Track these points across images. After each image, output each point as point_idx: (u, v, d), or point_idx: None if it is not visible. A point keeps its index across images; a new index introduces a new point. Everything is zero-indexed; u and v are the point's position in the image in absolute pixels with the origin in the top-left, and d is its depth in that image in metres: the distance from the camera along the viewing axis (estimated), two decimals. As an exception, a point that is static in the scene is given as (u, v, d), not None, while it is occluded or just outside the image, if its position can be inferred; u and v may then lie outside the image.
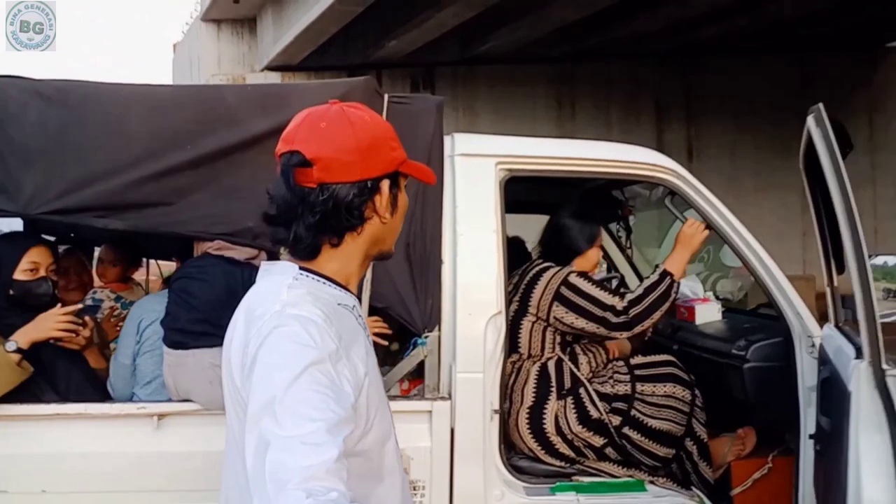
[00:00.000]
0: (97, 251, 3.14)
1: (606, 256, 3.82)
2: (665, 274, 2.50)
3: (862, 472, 1.46)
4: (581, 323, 2.51)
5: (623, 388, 2.52)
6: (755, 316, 3.16)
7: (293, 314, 1.08)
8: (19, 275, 2.28)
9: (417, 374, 2.47)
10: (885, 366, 1.46)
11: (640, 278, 3.78)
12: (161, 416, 2.24)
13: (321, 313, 1.10)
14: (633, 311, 2.46)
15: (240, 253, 2.35)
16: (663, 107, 14.34)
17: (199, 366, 2.23)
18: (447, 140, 2.57)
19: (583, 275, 2.59)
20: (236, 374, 1.12)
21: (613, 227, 3.54)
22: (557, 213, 2.79)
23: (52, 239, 2.61)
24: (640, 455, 2.50)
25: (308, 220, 1.14)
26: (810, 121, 1.51)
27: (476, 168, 2.50)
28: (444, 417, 2.32)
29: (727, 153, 14.08)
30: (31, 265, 2.30)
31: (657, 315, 2.49)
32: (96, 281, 3.11)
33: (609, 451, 2.49)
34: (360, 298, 1.35)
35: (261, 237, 2.27)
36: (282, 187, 1.15)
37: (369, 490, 1.15)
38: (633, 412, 2.48)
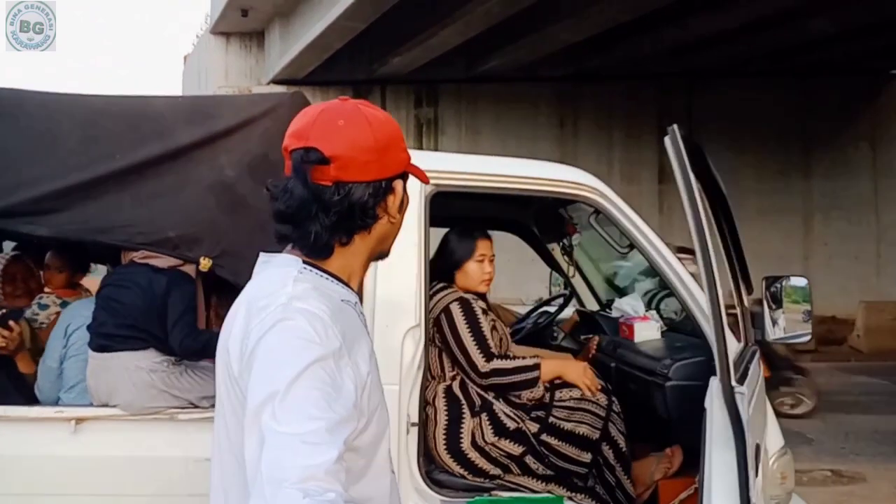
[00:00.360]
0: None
1: (561, 272, 3.85)
2: (537, 367, 2.55)
3: (712, 490, 1.48)
4: (448, 354, 2.55)
5: (540, 395, 2.54)
6: (695, 335, 3.17)
7: (299, 308, 1.06)
8: None
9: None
10: (733, 383, 1.47)
11: (594, 293, 3.81)
12: (79, 420, 2.30)
13: (327, 309, 1.08)
14: (493, 380, 2.52)
15: (163, 261, 2.40)
16: (665, 127, 14.32)
17: (123, 368, 2.29)
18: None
19: (465, 307, 2.59)
20: (234, 363, 1.09)
21: (561, 244, 3.56)
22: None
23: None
24: (560, 461, 2.50)
25: (324, 220, 1.13)
26: (667, 141, 1.55)
27: (402, 184, 2.54)
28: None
29: (729, 175, 14.00)
30: None
31: (510, 387, 2.55)
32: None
33: (529, 460, 2.50)
34: (361, 297, 1.34)
35: (181, 247, 2.34)
36: (296, 185, 1.13)
37: (359, 487, 1.13)
38: (551, 419, 2.50)
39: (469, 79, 13.71)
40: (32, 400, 2.50)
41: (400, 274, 2.45)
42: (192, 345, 2.29)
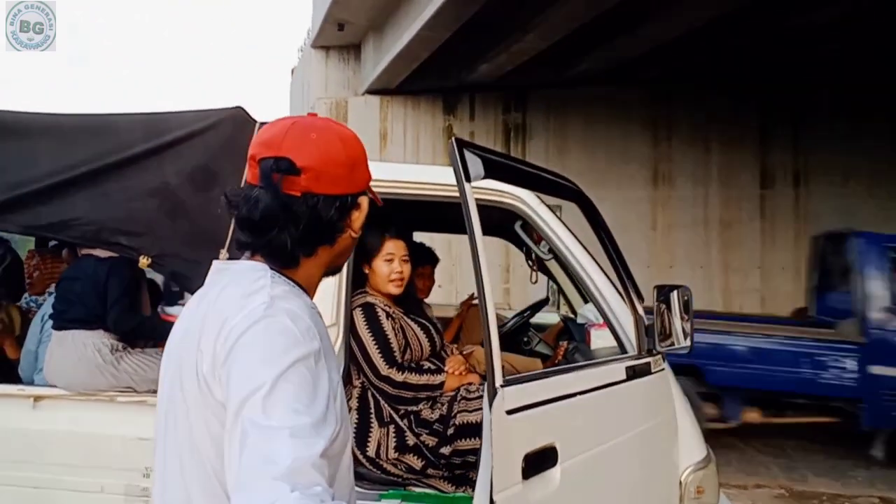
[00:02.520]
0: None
1: (548, 273, 3.84)
2: (442, 384, 2.61)
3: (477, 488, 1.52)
4: (359, 360, 2.60)
5: (440, 412, 2.58)
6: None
7: (284, 307, 1.07)
8: None
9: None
10: (497, 385, 1.50)
11: (567, 300, 3.78)
12: (37, 398, 2.63)
13: (307, 311, 1.10)
14: (401, 392, 2.58)
15: (103, 252, 2.74)
16: (769, 130, 13.55)
17: (73, 344, 2.64)
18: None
19: (367, 312, 2.64)
20: (205, 361, 1.06)
21: (524, 249, 3.57)
22: None
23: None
24: (469, 458, 2.52)
25: (292, 231, 1.13)
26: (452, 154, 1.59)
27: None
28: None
29: (838, 179, 13.08)
30: None
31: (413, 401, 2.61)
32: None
33: (431, 471, 2.56)
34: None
35: (124, 245, 2.64)
36: (263, 193, 1.12)
37: None
38: (450, 430, 2.54)
39: (558, 83, 13.60)
40: (15, 380, 2.87)
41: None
42: (127, 323, 2.60)
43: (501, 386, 1.51)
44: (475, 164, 1.60)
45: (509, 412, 1.54)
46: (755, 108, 13.34)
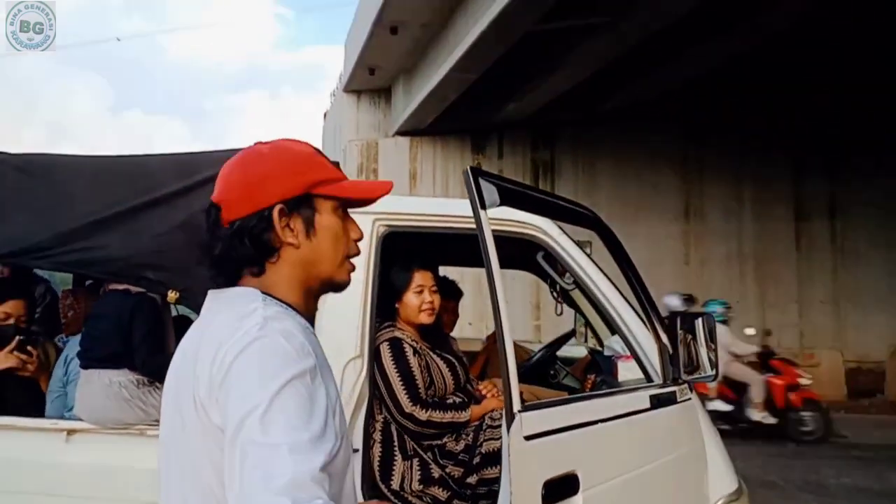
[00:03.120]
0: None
1: (574, 306, 3.81)
2: (468, 422, 2.61)
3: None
4: (383, 395, 2.61)
5: (465, 442, 2.57)
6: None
7: (277, 327, 1.08)
8: None
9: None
10: (515, 410, 1.49)
11: (594, 332, 3.75)
12: (70, 431, 2.69)
13: (300, 330, 1.12)
14: (423, 429, 2.59)
15: (133, 288, 2.80)
16: (803, 160, 13.40)
17: (100, 382, 2.67)
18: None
19: (394, 348, 2.66)
20: (202, 387, 1.07)
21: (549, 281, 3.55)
22: None
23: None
24: (490, 488, 2.50)
25: (214, 253, 1.21)
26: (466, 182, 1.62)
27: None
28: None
29: (873, 210, 12.83)
30: (3, 314, 2.88)
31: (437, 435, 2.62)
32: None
33: (457, 502, 2.55)
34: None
35: (153, 281, 2.70)
36: (210, 234, 1.22)
37: None
38: (476, 459, 2.52)
39: (586, 120, 13.68)
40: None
41: (344, 306, 2.63)
42: (155, 363, 2.62)
43: (520, 411, 1.51)
44: (490, 191, 1.63)
45: (528, 437, 1.54)
46: (789, 138, 13.22)
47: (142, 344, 2.67)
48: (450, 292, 3.54)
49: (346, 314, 2.62)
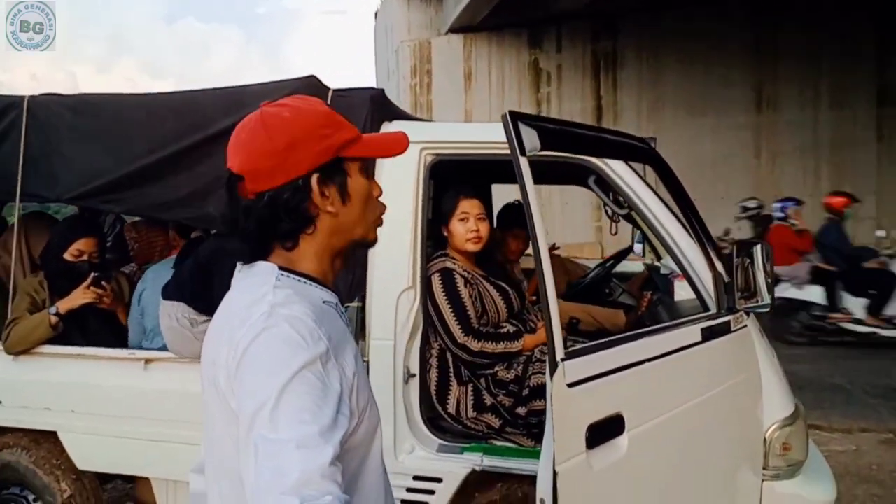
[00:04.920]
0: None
1: (632, 221, 3.73)
2: (520, 352, 2.63)
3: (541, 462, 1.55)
4: (436, 325, 2.64)
5: (516, 373, 2.62)
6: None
7: (284, 314, 1.06)
8: (68, 256, 3.01)
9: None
10: (558, 358, 1.50)
11: (653, 248, 3.68)
12: (147, 360, 2.87)
13: (311, 313, 1.08)
14: (476, 359, 2.62)
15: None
16: (887, 43, 12.36)
17: (166, 314, 2.79)
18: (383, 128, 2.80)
19: (445, 278, 2.67)
20: (221, 376, 1.08)
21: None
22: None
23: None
24: (540, 419, 2.56)
25: (247, 228, 1.16)
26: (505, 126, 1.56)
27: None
28: (358, 377, 2.63)
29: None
30: (77, 251, 3.02)
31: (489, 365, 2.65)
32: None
33: (509, 430, 2.62)
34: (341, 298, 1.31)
35: (219, 223, 2.77)
36: (230, 204, 1.17)
37: (356, 485, 1.14)
38: (525, 391, 2.57)
39: (651, 7, 12.90)
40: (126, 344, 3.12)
41: (395, 238, 2.65)
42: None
43: (562, 360, 1.52)
44: (531, 136, 1.57)
45: (571, 384, 1.55)
46: (871, 19, 12.19)
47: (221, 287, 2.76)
48: (521, 221, 3.51)
49: (397, 246, 2.64)
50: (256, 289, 1.13)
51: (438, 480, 2.57)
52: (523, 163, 1.54)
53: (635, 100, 13.45)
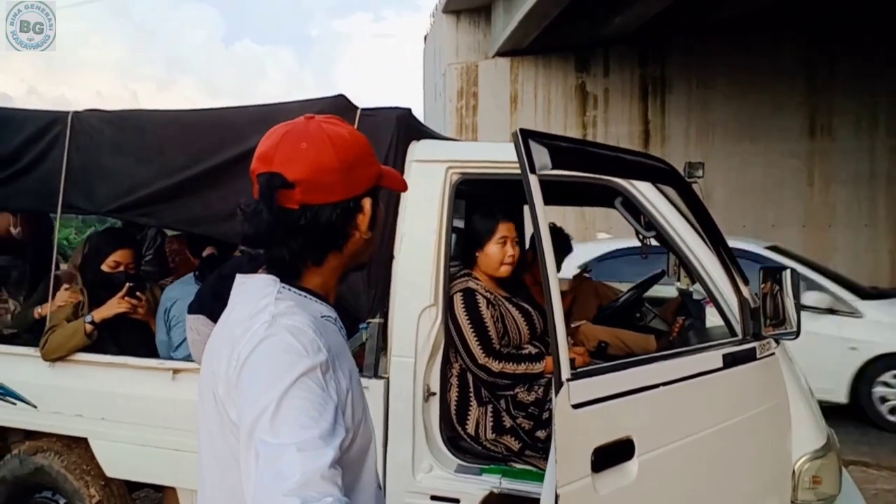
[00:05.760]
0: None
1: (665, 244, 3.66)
2: (541, 374, 2.59)
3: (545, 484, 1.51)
4: (457, 345, 2.62)
5: (536, 395, 2.57)
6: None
7: (285, 324, 1.07)
8: (105, 267, 3.11)
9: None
10: (563, 378, 1.47)
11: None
12: (176, 370, 2.92)
13: (311, 324, 1.09)
14: (497, 380, 2.59)
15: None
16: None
17: (189, 327, 2.82)
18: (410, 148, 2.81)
19: (468, 299, 2.64)
20: (220, 385, 1.09)
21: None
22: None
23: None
24: None
25: (291, 244, 1.14)
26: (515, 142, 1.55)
27: (429, 172, 2.72)
28: (378, 394, 2.63)
29: None
30: (114, 262, 3.12)
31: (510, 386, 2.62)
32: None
33: (528, 454, 2.58)
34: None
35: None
36: (261, 209, 1.12)
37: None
38: (545, 414, 2.53)
39: (698, 31, 12.75)
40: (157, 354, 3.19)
41: (419, 256, 2.66)
42: None
43: (568, 380, 1.49)
44: (541, 154, 1.56)
45: (576, 406, 1.52)
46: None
47: None
48: (560, 245, 3.47)
49: (420, 263, 2.65)
50: (257, 300, 1.13)
51: (456, 501, 2.54)
52: (533, 181, 1.54)
53: (684, 124, 13.28)
